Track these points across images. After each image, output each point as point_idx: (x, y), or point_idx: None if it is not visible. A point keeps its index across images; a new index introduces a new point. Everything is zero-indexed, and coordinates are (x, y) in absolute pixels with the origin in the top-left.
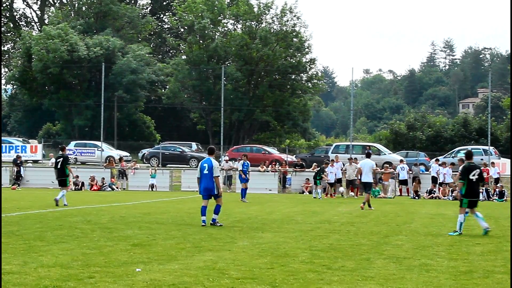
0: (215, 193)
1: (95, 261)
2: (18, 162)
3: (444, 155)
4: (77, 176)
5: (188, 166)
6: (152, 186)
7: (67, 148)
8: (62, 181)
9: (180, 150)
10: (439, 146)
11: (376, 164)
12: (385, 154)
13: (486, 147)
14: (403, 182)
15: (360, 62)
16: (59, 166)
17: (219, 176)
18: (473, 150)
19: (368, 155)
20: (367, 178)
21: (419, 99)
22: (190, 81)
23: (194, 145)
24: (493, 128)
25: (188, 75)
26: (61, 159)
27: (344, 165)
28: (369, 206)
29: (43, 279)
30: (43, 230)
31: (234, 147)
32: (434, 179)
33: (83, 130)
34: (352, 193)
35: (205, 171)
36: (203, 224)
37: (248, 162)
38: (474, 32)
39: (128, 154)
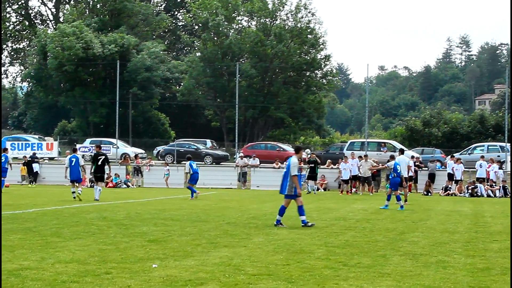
0: (285, 193)
1: (111, 257)
2: (30, 159)
3: (460, 151)
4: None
5: (203, 163)
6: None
7: (82, 145)
8: (100, 177)
9: (195, 147)
10: (455, 143)
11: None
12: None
13: (503, 144)
14: (411, 179)
15: (375, 58)
16: (99, 163)
17: (296, 175)
18: (490, 147)
19: (402, 152)
20: (404, 173)
21: (434, 96)
22: (204, 78)
23: (208, 142)
24: (510, 124)
25: (203, 72)
26: (103, 157)
27: (359, 161)
28: (405, 200)
29: (61, 274)
30: (59, 227)
31: (249, 144)
32: (450, 176)
33: (98, 127)
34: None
35: (286, 169)
36: (275, 223)
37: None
38: (491, 28)
39: (143, 151)
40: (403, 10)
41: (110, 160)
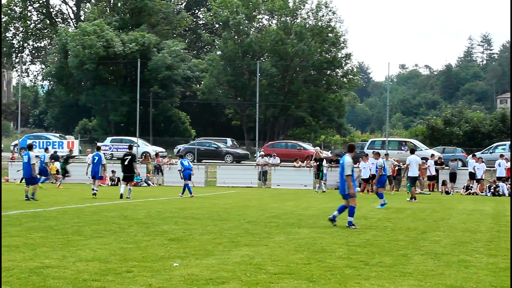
0: (345, 192)
1: (132, 256)
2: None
3: (482, 150)
4: (114, 172)
5: (223, 161)
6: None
7: (103, 144)
8: (129, 177)
9: (215, 146)
10: (477, 142)
11: None
12: (421, 150)
13: None
14: (432, 178)
15: (396, 57)
16: (126, 163)
17: (350, 174)
18: None
19: (412, 151)
20: (415, 172)
21: (455, 94)
22: (225, 77)
23: (229, 141)
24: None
25: (223, 71)
26: (129, 157)
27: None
28: (414, 198)
29: (82, 273)
30: (80, 225)
31: (269, 143)
32: (472, 175)
33: (119, 126)
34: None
35: (340, 169)
36: (330, 217)
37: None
38: None
39: (163, 149)
40: (424, 9)
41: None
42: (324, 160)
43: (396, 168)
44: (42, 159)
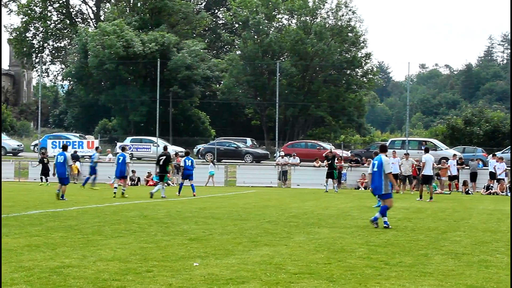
0: (382, 192)
1: (152, 255)
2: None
3: (502, 150)
4: (134, 171)
5: (243, 161)
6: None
7: (123, 143)
8: (162, 177)
9: (235, 145)
10: (497, 142)
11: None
12: (441, 149)
13: None
14: (453, 178)
15: (416, 56)
16: (161, 163)
17: (391, 172)
18: None
19: (427, 150)
20: (430, 171)
21: (476, 94)
22: (244, 77)
23: (249, 141)
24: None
25: (243, 71)
26: (164, 157)
27: (400, 160)
28: (431, 197)
29: (102, 272)
30: (100, 225)
31: (289, 142)
32: (492, 175)
33: (139, 125)
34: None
35: (374, 168)
36: (385, 226)
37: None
38: None
39: (183, 149)
40: (444, 8)
41: (149, 159)
42: (337, 159)
43: (416, 167)
44: (93, 158)
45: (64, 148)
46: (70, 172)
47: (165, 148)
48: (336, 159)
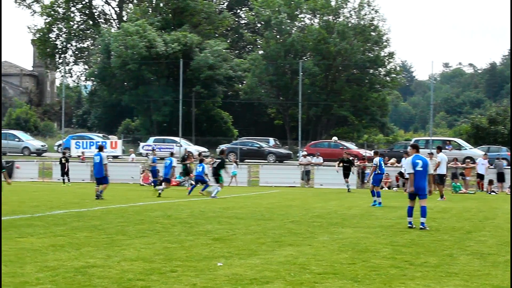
0: (425, 192)
1: (176, 255)
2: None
3: None
4: (158, 171)
5: (266, 161)
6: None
7: (145, 144)
8: (216, 179)
9: (258, 145)
10: None
11: (457, 159)
12: (466, 149)
13: None
14: (480, 177)
15: (439, 55)
16: (215, 166)
17: (431, 173)
18: None
19: (440, 149)
20: (443, 170)
21: (500, 93)
22: (267, 76)
23: (271, 141)
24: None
25: (265, 70)
26: (219, 160)
27: None
28: (442, 196)
29: (127, 272)
30: (124, 225)
31: (312, 142)
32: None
33: (162, 125)
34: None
35: (419, 168)
36: (409, 226)
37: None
38: None
39: (206, 149)
40: (467, 7)
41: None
42: (360, 160)
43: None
44: (154, 161)
45: (100, 148)
46: (106, 172)
47: (221, 152)
48: (353, 161)
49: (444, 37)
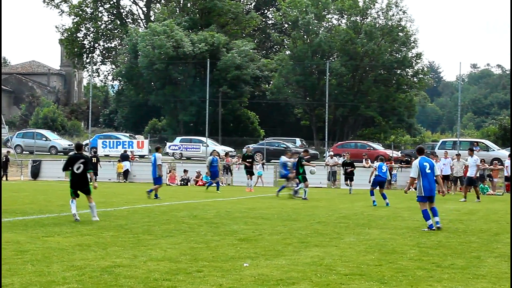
0: (434, 194)
1: (202, 256)
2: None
3: None
4: (186, 171)
5: None
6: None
7: (172, 143)
8: (303, 178)
9: (284, 145)
10: None
11: (484, 160)
12: (493, 150)
13: None
14: (508, 179)
15: (467, 56)
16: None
17: (438, 174)
18: None
19: (472, 151)
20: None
21: None
22: (294, 77)
23: (298, 141)
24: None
25: (292, 71)
26: (251, 159)
27: (452, 161)
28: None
29: (153, 272)
30: (151, 224)
31: (339, 143)
32: None
33: (188, 125)
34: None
35: (428, 170)
36: (431, 228)
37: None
38: None
39: (232, 149)
40: (496, 7)
41: (199, 159)
42: (388, 160)
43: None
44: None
45: (157, 149)
46: (159, 172)
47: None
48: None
49: (472, 38)
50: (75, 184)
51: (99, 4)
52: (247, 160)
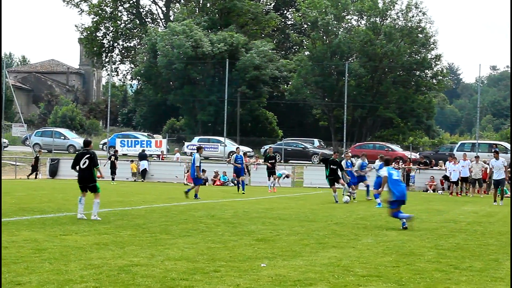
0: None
1: (220, 255)
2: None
3: None
4: (204, 171)
5: (310, 162)
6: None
7: (190, 143)
8: (337, 179)
9: (303, 146)
10: None
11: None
12: None
13: None
14: None
15: (487, 58)
16: (332, 167)
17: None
18: None
19: (497, 154)
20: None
21: None
22: (313, 77)
23: (316, 142)
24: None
25: (311, 71)
26: (273, 160)
27: (470, 163)
28: (495, 201)
29: (170, 271)
30: (168, 224)
31: (357, 144)
32: None
33: (206, 125)
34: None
35: (397, 177)
36: (404, 225)
37: (366, 161)
38: None
39: (250, 149)
40: None
41: (217, 158)
42: (406, 161)
43: (486, 171)
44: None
45: (197, 150)
46: (198, 173)
47: (335, 153)
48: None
49: (491, 40)
50: (81, 179)
51: (119, 4)
52: (270, 162)
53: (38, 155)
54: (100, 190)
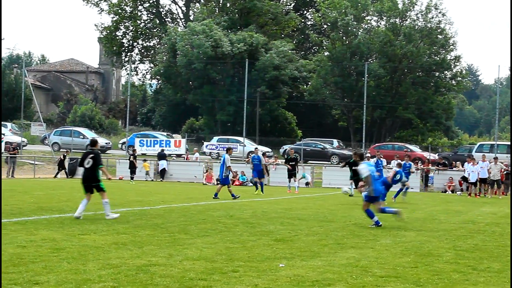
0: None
1: (238, 255)
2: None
3: None
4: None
5: (329, 162)
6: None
7: (209, 143)
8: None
9: (322, 146)
10: None
11: None
12: None
13: None
14: None
15: (506, 59)
16: (353, 168)
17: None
18: None
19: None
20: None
21: None
22: (332, 78)
23: (335, 142)
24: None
25: (331, 72)
26: (294, 162)
27: (489, 164)
28: None
29: (188, 271)
30: (187, 224)
31: (376, 144)
32: None
33: (226, 125)
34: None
35: (376, 173)
36: (378, 224)
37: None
38: None
39: (269, 149)
40: None
41: (236, 159)
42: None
43: (505, 172)
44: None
45: (227, 150)
46: (226, 173)
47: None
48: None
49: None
50: (85, 179)
51: (139, 3)
52: (290, 164)
53: (65, 155)
54: (105, 189)
